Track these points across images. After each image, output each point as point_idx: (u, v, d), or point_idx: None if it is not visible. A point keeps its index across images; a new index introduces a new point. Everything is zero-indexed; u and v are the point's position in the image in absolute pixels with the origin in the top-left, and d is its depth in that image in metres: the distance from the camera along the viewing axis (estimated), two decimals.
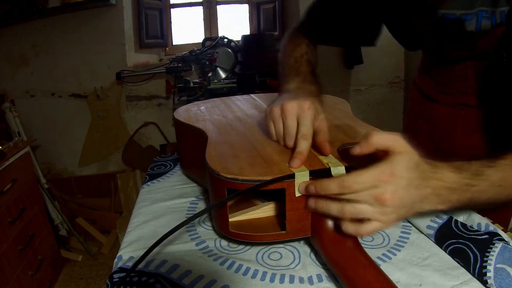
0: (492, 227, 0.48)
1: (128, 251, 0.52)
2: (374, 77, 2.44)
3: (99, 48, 2.08)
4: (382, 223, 0.41)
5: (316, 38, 0.76)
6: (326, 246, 0.44)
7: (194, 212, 0.63)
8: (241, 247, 0.52)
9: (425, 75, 0.79)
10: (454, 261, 0.46)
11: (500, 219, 0.60)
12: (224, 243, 0.53)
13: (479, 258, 0.43)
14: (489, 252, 0.43)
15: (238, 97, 0.90)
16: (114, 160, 2.27)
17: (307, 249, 0.51)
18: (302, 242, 0.52)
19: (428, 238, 0.52)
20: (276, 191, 0.46)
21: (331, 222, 0.45)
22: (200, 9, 2.38)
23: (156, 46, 2.30)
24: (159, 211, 0.63)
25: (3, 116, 1.90)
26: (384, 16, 0.71)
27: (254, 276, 0.46)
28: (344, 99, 0.83)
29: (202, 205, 0.65)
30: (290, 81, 0.64)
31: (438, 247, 0.49)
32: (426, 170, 0.41)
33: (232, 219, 0.52)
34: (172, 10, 2.35)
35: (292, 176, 0.45)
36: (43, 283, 1.58)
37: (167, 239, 0.54)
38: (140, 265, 0.48)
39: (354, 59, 2.30)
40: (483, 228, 0.49)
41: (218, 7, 2.39)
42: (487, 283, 0.41)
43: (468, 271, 0.44)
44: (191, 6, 2.39)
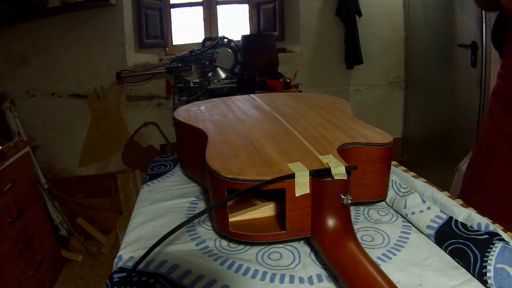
0: (492, 227, 0.48)
1: (128, 251, 0.52)
2: (374, 77, 2.44)
3: (99, 48, 2.08)
4: None
5: None
6: (326, 246, 0.44)
7: (194, 212, 0.63)
8: (241, 247, 0.52)
9: (502, 78, 0.62)
10: (454, 261, 0.46)
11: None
12: (224, 243, 0.53)
13: (479, 258, 0.43)
14: (489, 252, 0.43)
15: (238, 97, 0.90)
16: (114, 160, 2.27)
17: (307, 249, 0.51)
18: (302, 242, 0.52)
19: (428, 238, 0.52)
20: (276, 191, 0.46)
21: (331, 222, 0.45)
22: (200, 9, 2.38)
23: (156, 46, 2.30)
24: (159, 211, 0.63)
25: (3, 116, 1.90)
26: None
27: (254, 276, 0.46)
28: (344, 99, 0.83)
29: (202, 205, 0.65)
30: None
31: (438, 247, 0.49)
32: None
33: (232, 219, 0.52)
34: (172, 10, 2.35)
35: (292, 176, 0.45)
36: (43, 283, 1.58)
37: (167, 239, 0.54)
38: (140, 265, 0.48)
39: (354, 59, 2.30)
40: (483, 228, 0.49)
41: (218, 7, 2.39)
42: (487, 283, 0.41)
43: (468, 271, 0.44)
44: (191, 6, 2.39)
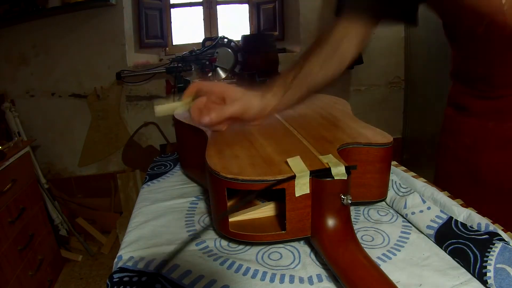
0: (492, 227, 0.48)
1: (128, 251, 0.52)
2: (374, 77, 2.44)
3: (99, 48, 2.08)
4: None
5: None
6: (326, 246, 0.44)
7: (194, 212, 0.63)
8: (241, 247, 0.52)
9: (457, 76, 0.70)
10: (454, 261, 0.46)
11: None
12: (224, 243, 0.53)
13: (479, 258, 0.43)
14: (489, 252, 0.43)
15: None
16: (114, 160, 2.27)
17: (307, 249, 0.51)
18: (302, 242, 0.52)
19: (428, 238, 0.52)
20: (276, 191, 0.46)
21: (331, 222, 0.45)
22: (200, 9, 2.38)
23: (156, 46, 2.30)
24: (159, 211, 0.63)
25: (3, 116, 1.90)
26: None
27: (254, 276, 0.46)
28: (344, 99, 0.83)
29: (202, 205, 0.65)
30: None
31: (438, 247, 0.49)
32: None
33: (232, 219, 0.52)
34: (172, 10, 2.35)
35: (292, 177, 0.45)
36: (43, 283, 1.58)
37: (167, 239, 0.54)
38: (140, 265, 0.48)
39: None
40: (483, 228, 0.49)
41: (218, 7, 2.39)
42: (487, 283, 0.41)
43: (468, 271, 0.44)
44: (191, 6, 2.39)
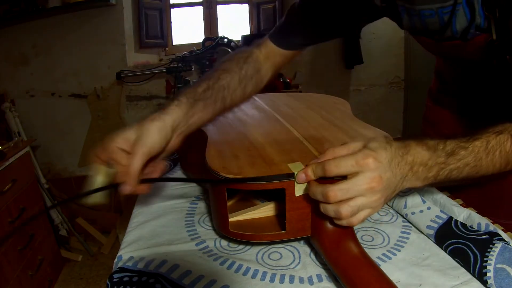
0: (492, 227, 0.48)
1: (128, 251, 0.52)
2: (374, 77, 2.43)
3: (99, 48, 2.08)
4: (373, 208, 0.42)
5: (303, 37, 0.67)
6: (326, 246, 0.44)
7: (194, 212, 0.63)
8: (241, 247, 0.52)
9: (436, 75, 0.78)
10: (454, 261, 0.46)
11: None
12: (224, 243, 0.53)
13: (479, 258, 0.43)
14: (489, 252, 0.43)
15: None
16: None
17: (307, 249, 0.51)
18: (302, 242, 0.52)
19: (428, 238, 0.52)
20: (276, 191, 0.46)
21: (331, 222, 0.45)
22: (200, 9, 2.38)
23: (156, 46, 2.30)
24: (159, 211, 0.63)
25: (3, 116, 1.90)
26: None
27: (254, 276, 0.46)
28: (344, 99, 0.83)
29: (202, 205, 0.65)
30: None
31: (438, 247, 0.49)
32: (399, 147, 0.43)
33: (232, 219, 0.52)
34: (172, 10, 2.35)
35: (291, 175, 0.45)
36: (43, 283, 1.57)
37: (167, 239, 0.54)
38: (140, 265, 0.48)
39: (354, 59, 2.30)
40: (483, 228, 0.49)
41: (218, 7, 2.39)
42: (487, 283, 0.41)
43: (468, 271, 0.44)
44: (191, 6, 2.39)
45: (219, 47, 1.95)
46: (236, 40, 2.03)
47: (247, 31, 2.49)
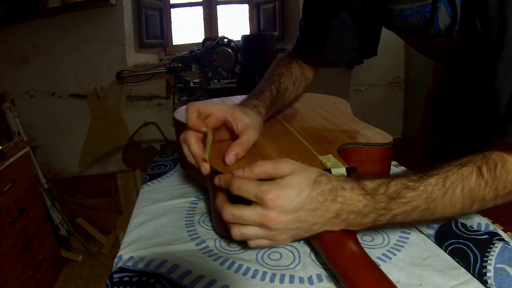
0: (492, 227, 0.48)
1: (128, 251, 0.52)
2: (374, 77, 2.44)
3: (99, 48, 2.08)
4: (274, 242, 0.41)
5: (311, 60, 0.72)
6: (326, 246, 0.44)
7: (194, 212, 0.63)
8: (241, 247, 0.52)
9: (434, 76, 0.79)
10: (454, 261, 0.46)
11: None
12: (224, 243, 0.53)
13: (479, 258, 0.43)
14: (489, 252, 0.43)
15: (238, 97, 0.90)
16: (114, 160, 2.27)
17: (307, 249, 0.51)
18: (302, 242, 0.52)
19: (428, 238, 0.52)
20: None
21: None
22: (200, 9, 2.38)
23: (156, 46, 2.30)
24: (159, 211, 0.63)
25: (3, 116, 1.90)
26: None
27: (254, 276, 0.46)
28: (344, 99, 0.83)
29: (202, 205, 0.65)
30: (246, 99, 0.63)
31: (438, 247, 0.49)
32: (324, 192, 0.39)
33: None
34: (172, 10, 2.35)
35: None
36: (43, 283, 1.57)
37: (167, 239, 0.54)
38: (140, 265, 0.48)
39: None
40: (483, 228, 0.49)
41: (218, 7, 2.39)
42: (487, 283, 0.41)
43: (468, 271, 0.44)
44: (191, 6, 2.39)
45: (219, 47, 1.95)
46: (236, 40, 2.03)
47: (247, 31, 2.49)
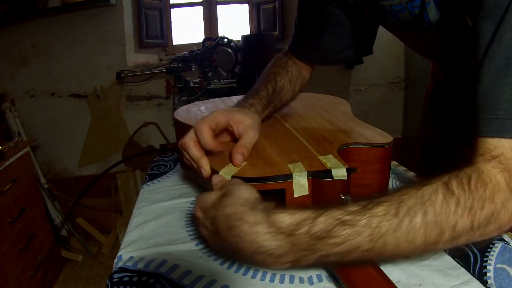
0: None
1: (128, 251, 0.52)
2: (374, 77, 2.44)
3: (99, 48, 2.08)
4: (200, 232, 0.42)
5: (307, 59, 0.71)
6: None
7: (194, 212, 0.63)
8: None
9: (432, 76, 0.79)
10: (454, 261, 0.46)
11: None
12: None
13: (479, 258, 0.43)
14: (489, 252, 0.43)
15: (238, 97, 0.90)
16: (114, 160, 2.27)
17: None
18: None
19: None
20: (276, 191, 0.46)
21: None
22: (200, 9, 2.38)
23: (156, 46, 2.30)
24: (159, 211, 0.63)
25: (3, 116, 1.90)
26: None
27: (254, 276, 0.46)
28: (344, 99, 0.83)
29: None
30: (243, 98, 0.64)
31: None
32: (231, 229, 0.35)
33: None
34: (172, 10, 2.35)
35: (291, 176, 0.45)
36: (43, 283, 1.57)
37: (167, 239, 0.54)
38: (140, 265, 0.48)
39: None
40: None
41: (218, 7, 2.39)
42: (487, 283, 0.41)
43: (468, 271, 0.44)
44: (191, 6, 2.39)
45: (219, 47, 1.95)
46: (236, 40, 2.03)
47: (247, 31, 2.49)
